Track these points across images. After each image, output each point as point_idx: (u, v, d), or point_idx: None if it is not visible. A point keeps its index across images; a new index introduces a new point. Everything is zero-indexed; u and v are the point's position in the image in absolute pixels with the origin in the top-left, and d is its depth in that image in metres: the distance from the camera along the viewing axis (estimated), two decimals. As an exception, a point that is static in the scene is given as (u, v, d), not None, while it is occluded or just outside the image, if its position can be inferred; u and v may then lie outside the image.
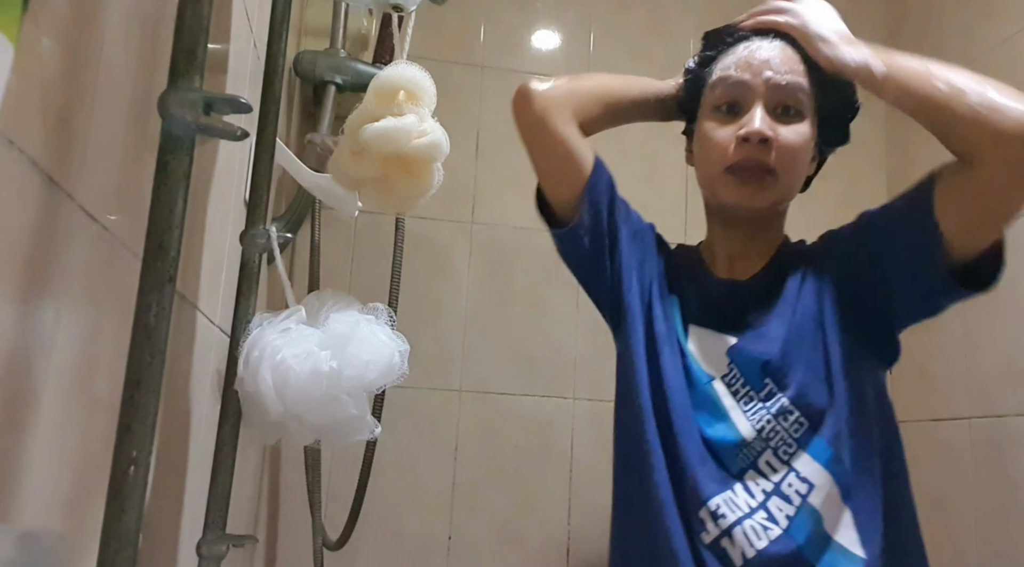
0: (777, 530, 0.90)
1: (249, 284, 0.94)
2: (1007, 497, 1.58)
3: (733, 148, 0.98)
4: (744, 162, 0.97)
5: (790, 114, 0.99)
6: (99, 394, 0.63)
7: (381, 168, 0.97)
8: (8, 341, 0.48)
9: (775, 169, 0.97)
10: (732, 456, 0.94)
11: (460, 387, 1.83)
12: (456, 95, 1.92)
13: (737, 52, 1.03)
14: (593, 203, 1.06)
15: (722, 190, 1.01)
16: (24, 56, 0.45)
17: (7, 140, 0.45)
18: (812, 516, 0.90)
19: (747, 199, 0.99)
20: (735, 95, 1.01)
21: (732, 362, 0.98)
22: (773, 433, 0.93)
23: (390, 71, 0.98)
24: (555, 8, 2.05)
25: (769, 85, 0.99)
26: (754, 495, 0.92)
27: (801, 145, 0.99)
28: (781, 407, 0.93)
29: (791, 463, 0.92)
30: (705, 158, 1.03)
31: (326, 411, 0.87)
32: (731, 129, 0.99)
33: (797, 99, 0.99)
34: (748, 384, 0.96)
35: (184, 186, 0.62)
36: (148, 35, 0.70)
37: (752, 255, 1.05)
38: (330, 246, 1.79)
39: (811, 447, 0.92)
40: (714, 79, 1.04)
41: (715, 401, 0.97)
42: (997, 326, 1.66)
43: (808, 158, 1.02)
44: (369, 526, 1.69)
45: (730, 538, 0.90)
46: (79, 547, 0.61)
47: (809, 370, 0.94)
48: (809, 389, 0.94)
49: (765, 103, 0.99)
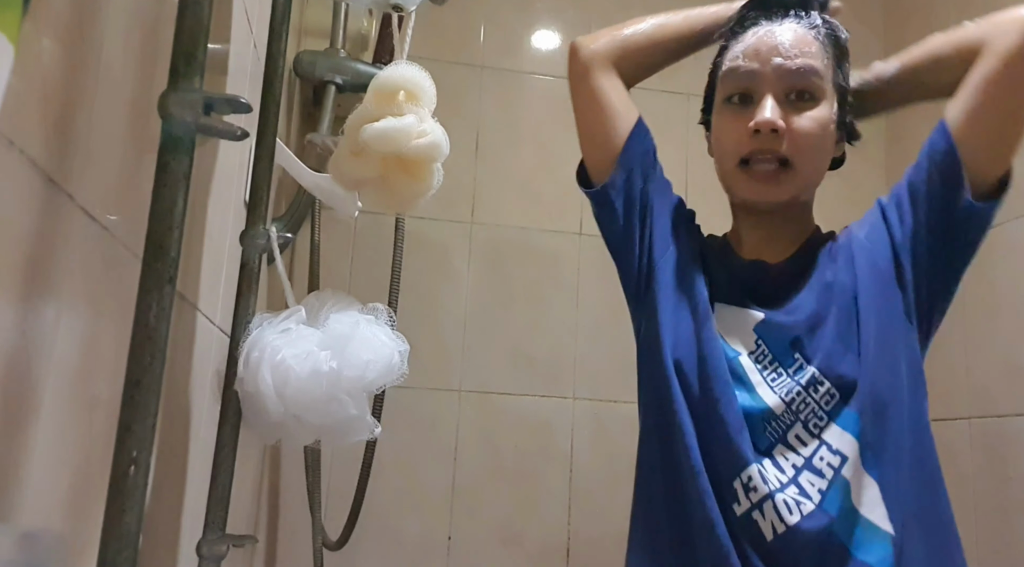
0: (810, 504, 0.87)
1: (249, 284, 0.94)
2: (1007, 497, 1.58)
3: (745, 141, 0.95)
4: (757, 154, 0.95)
5: (804, 99, 0.96)
6: (99, 394, 0.63)
7: (381, 168, 0.97)
8: (8, 341, 0.48)
9: (790, 159, 0.94)
10: (760, 429, 0.92)
11: (460, 387, 1.83)
12: (456, 95, 1.92)
13: (746, 39, 1.00)
14: (627, 167, 1.05)
15: (736, 186, 0.99)
16: (24, 56, 0.45)
17: (7, 140, 0.45)
18: (844, 489, 0.88)
19: (762, 195, 0.97)
20: (745, 85, 0.98)
21: (760, 338, 0.96)
22: (803, 405, 0.91)
23: (390, 71, 0.98)
24: (555, 8, 2.05)
25: (779, 72, 0.96)
26: (784, 470, 0.90)
27: (817, 131, 0.95)
28: (812, 377, 0.91)
29: (821, 436, 0.90)
30: (720, 152, 1.01)
31: (326, 411, 0.87)
32: (743, 121, 0.96)
33: (810, 82, 0.96)
34: (776, 359, 0.95)
35: (184, 186, 0.62)
36: (148, 35, 0.70)
37: (782, 241, 1.02)
38: (330, 246, 1.79)
39: (841, 418, 0.90)
40: (724, 70, 1.01)
41: (742, 375, 0.94)
42: (996, 327, 1.66)
43: (829, 142, 0.98)
44: (369, 526, 1.69)
45: (761, 511, 0.88)
46: (79, 547, 0.61)
47: (839, 341, 0.93)
48: (838, 359, 0.92)
49: (777, 91, 0.95)
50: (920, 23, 1.96)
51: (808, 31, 0.98)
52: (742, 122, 0.96)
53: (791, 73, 0.95)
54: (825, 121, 0.96)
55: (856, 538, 0.87)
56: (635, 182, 1.05)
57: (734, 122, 0.97)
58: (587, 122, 1.08)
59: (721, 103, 1.01)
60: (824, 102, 0.96)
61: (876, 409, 0.90)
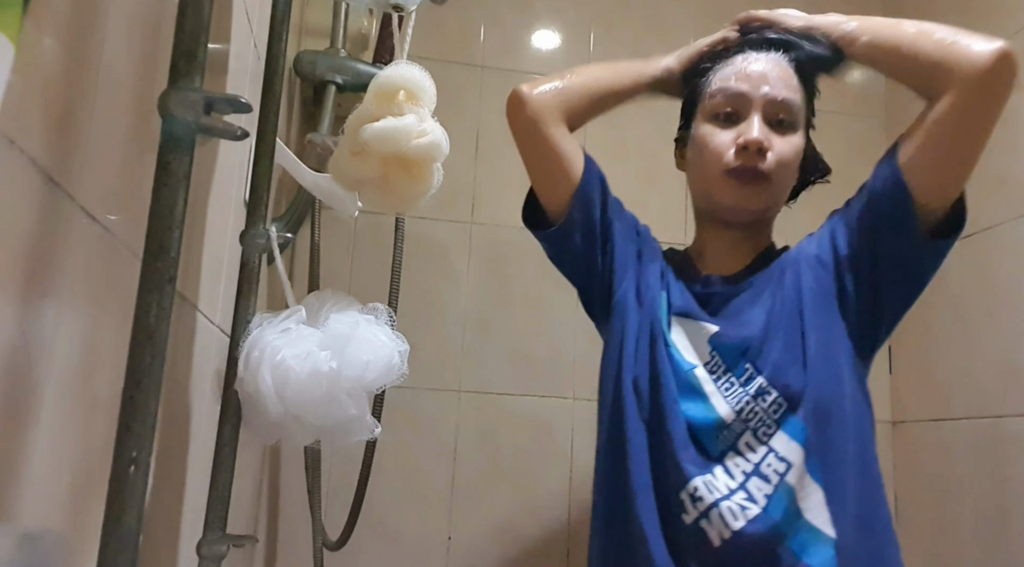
0: (756, 509, 0.92)
1: (249, 284, 0.94)
2: (1006, 497, 1.58)
3: (732, 154, 1.04)
4: (742, 168, 1.03)
5: (784, 126, 1.05)
6: (99, 394, 0.63)
7: (381, 168, 0.97)
8: (8, 341, 0.48)
9: (769, 176, 1.03)
10: (712, 438, 0.97)
11: (460, 387, 1.83)
12: (456, 95, 1.92)
13: (736, 63, 1.09)
14: (585, 201, 1.11)
15: (721, 192, 1.06)
16: (24, 56, 0.45)
17: (7, 140, 0.45)
18: (788, 494, 0.93)
19: (745, 201, 1.05)
20: (734, 104, 1.06)
21: (714, 349, 1.02)
22: (752, 414, 0.96)
23: (390, 71, 0.98)
24: (555, 8, 2.05)
25: (767, 98, 1.05)
26: (734, 476, 0.95)
27: (793, 155, 1.06)
28: (759, 388, 0.97)
29: (769, 442, 0.95)
30: (703, 161, 1.08)
31: (326, 411, 0.87)
32: (730, 135, 1.05)
33: (791, 112, 1.06)
34: (729, 370, 1.00)
35: (184, 186, 0.62)
36: (148, 35, 0.70)
37: (738, 255, 1.10)
38: (330, 246, 1.79)
39: (787, 426, 0.95)
40: (713, 88, 1.09)
41: (697, 387, 1.00)
42: (996, 326, 1.66)
43: (796, 167, 1.08)
44: (369, 526, 1.69)
45: (708, 519, 0.93)
46: (79, 547, 0.61)
47: (786, 353, 0.98)
48: (786, 370, 0.97)
49: (762, 114, 1.05)
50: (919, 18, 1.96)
51: (789, 66, 1.08)
52: (729, 135, 1.05)
53: (777, 102, 1.05)
54: (799, 148, 1.07)
55: (800, 541, 0.92)
56: (594, 213, 1.12)
57: (722, 134, 1.06)
58: (541, 168, 1.15)
59: (708, 117, 1.08)
60: (799, 131, 1.07)
61: (820, 418, 0.96)
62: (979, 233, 1.69)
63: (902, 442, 1.90)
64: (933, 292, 1.87)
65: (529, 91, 1.13)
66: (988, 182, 1.69)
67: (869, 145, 1.99)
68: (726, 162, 1.04)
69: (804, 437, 0.95)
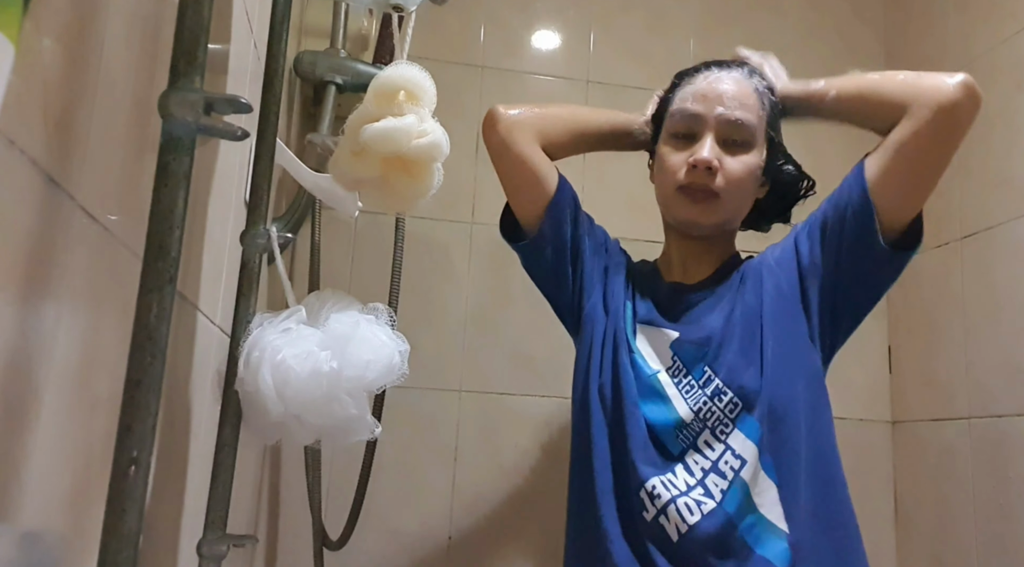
0: (711, 503, 0.98)
1: (249, 284, 0.94)
2: (1007, 497, 1.58)
3: (684, 172, 1.10)
4: (693, 185, 1.09)
5: (737, 145, 1.10)
6: (99, 394, 0.63)
7: (381, 168, 0.97)
8: (8, 341, 0.48)
9: (719, 193, 1.09)
10: (672, 437, 1.03)
11: (460, 387, 1.83)
12: (456, 95, 1.92)
13: (696, 82, 1.15)
14: (556, 217, 1.17)
15: (675, 208, 1.13)
16: (24, 56, 0.45)
17: (7, 140, 0.45)
18: (742, 489, 0.98)
19: (697, 216, 1.11)
20: (690, 125, 1.12)
21: (675, 354, 1.08)
22: (710, 413, 1.02)
23: (390, 71, 0.98)
24: (555, 8, 2.05)
25: (720, 120, 1.10)
26: (693, 473, 1.00)
27: (744, 174, 1.10)
28: (716, 388, 1.02)
29: (727, 441, 1.00)
30: (661, 178, 1.15)
31: (326, 411, 0.87)
32: (684, 155, 1.11)
33: (745, 131, 1.11)
34: (689, 373, 1.06)
35: (184, 186, 0.62)
36: (148, 35, 0.70)
37: (702, 264, 1.16)
38: (330, 246, 1.79)
39: (743, 424, 1.00)
40: (673, 108, 1.16)
41: (659, 390, 1.06)
42: (997, 326, 1.66)
43: (753, 184, 1.13)
44: (369, 526, 1.69)
45: (666, 516, 0.98)
46: (79, 547, 0.61)
47: (742, 356, 1.04)
48: (741, 372, 1.03)
49: (716, 134, 1.10)
50: (921, 22, 1.96)
51: (748, 84, 1.13)
52: (683, 155, 1.11)
53: (730, 123, 1.10)
54: (752, 166, 1.11)
55: (755, 535, 0.98)
56: (564, 229, 1.18)
57: (677, 154, 1.12)
58: (514, 184, 1.21)
59: (667, 136, 1.15)
60: (754, 149, 1.11)
61: (774, 418, 1.01)
62: (980, 233, 1.69)
63: (902, 442, 1.90)
64: (934, 292, 1.88)
65: (504, 110, 1.19)
66: (988, 182, 1.69)
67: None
68: (678, 180, 1.11)
69: (759, 436, 1.00)
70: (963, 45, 1.81)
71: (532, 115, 1.20)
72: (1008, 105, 1.66)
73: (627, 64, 2.01)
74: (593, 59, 2.02)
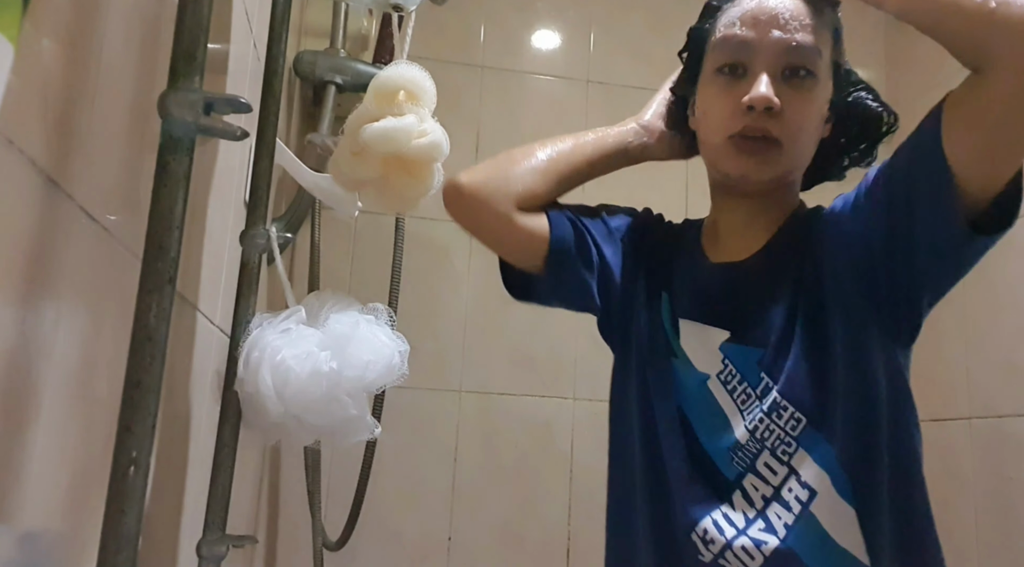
0: (774, 541, 0.83)
1: (249, 284, 0.94)
2: (1007, 497, 1.58)
3: (736, 116, 0.88)
4: (748, 131, 0.88)
5: (799, 76, 0.89)
6: (99, 394, 0.63)
7: (381, 168, 0.97)
8: (8, 341, 0.48)
9: (780, 139, 0.88)
10: (727, 460, 0.87)
11: (460, 387, 1.83)
12: (456, 95, 1.92)
13: (743, 4, 0.92)
14: (560, 263, 1.00)
15: (724, 160, 0.92)
16: (24, 56, 0.45)
17: (7, 140, 0.45)
18: (812, 524, 0.83)
19: (752, 170, 0.90)
20: (739, 56, 0.90)
21: (726, 357, 0.90)
22: (768, 432, 0.85)
23: (390, 71, 0.98)
24: (555, 8, 2.05)
25: (778, 45, 0.88)
26: (753, 502, 0.85)
27: (810, 112, 0.90)
28: (773, 403, 0.85)
29: (790, 462, 0.85)
30: (707, 126, 0.94)
31: (326, 411, 0.87)
32: (735, 94, 0.89)
33: (808, 59, 0.89)
34: (745, 380, 0.88)
35: (184, 186, 0.62)
36: (148, 35, 0.70)
37: (755, 230, 0.95)
38: (330, 246, 1.79)
39: (811, 445, 0.84)
40: (717, 38, 0.93)
41: (711, 402, 0.89)
42: (997, 326, 1.66)
43: (818, 123, 0.92)
44: (369, 526, 1.69)
45: (725, 558, 0.84)
46: (79, 547, 0.61)
47: (805, 360, 0.86)
48: (803, 381, 0.85)
49: (772, 65, 0.88)
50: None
51: (807, 4, 0.91)
52: (734, 95, 0.89)
53: (789, 48, 0.88)
54: (819, 102, 0.91)
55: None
56: (575, 270, 1.00)
57: (725, 95, 0.90)
58: (503, 250, 1.05)
59: (711, 73, 0.93)
60: (819, 81, 0.90)
61: (849, 433, 0.84)
62: (979, 233, 1.69)
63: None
64: (933, 292, 1.88)
65: (465, 178, 1.01)
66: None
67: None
68: (730, 125, 0.89)
69: (830, 457, 0.84)
70: (963, 45, 1.81)
71: (499, 176, 1.01)
72: (1008, 105, 1.66)
73: (627, 64, 2.01)
74: (593, 59, 2.02)
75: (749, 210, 0.95)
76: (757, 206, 0.95)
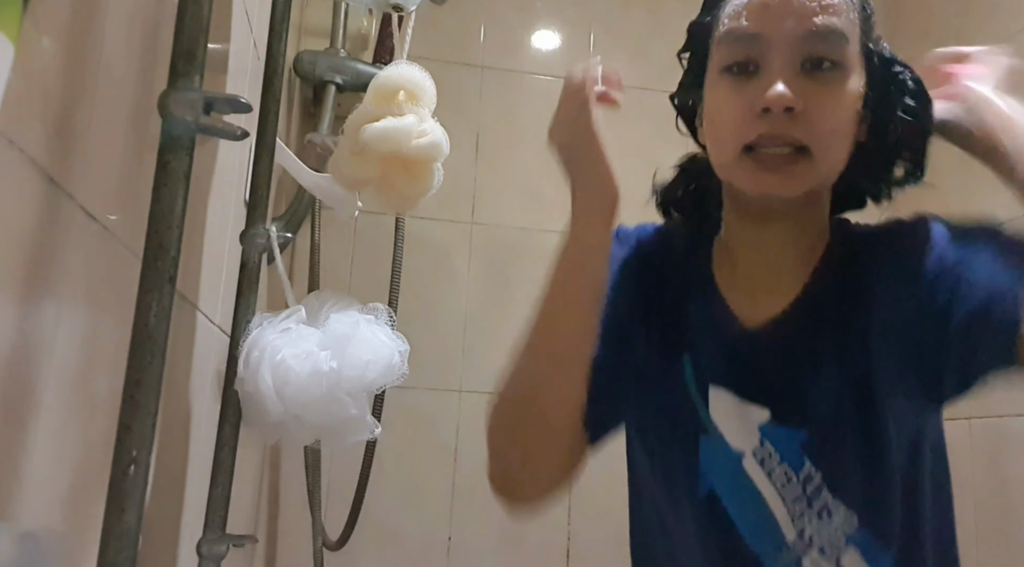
0: None
1: (249, 284, 0.94)
2: (1007, 497, 1.58)
3: (750, 122, 0.73)
4: (766, 140, 0.72)
5: (823, 68, 0.73)
6: (99, 394, 0.63)
7: (381, 168, 0.97)
8: (8, 341, 0.48)
9: (808, 145, 0.72)
10: (773, 557, 0.77)
11: (460, 387, 1.83)
12: (456, 95, 1.92)
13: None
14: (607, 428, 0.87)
15: (741, 178, 0.75)
16: (24, 56, 0.45)
17: (7, 140, 0.45)
18: None
19: (775, 187, 0.73)
20: (748, 51, 0.75)
21: (765, 437, 0.78)
22: (816, 533, 0.76)
23: (390, 71, 0.98)
24: (555, 8, 2.05)
25: (794, 34, 0.73)
26: None
27: (841, 109, 0.74)
28: (824, 504, 0.76)
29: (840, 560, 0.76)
30: (716, 137, 0.78)
31: (326, 411, 0.87)
32: (747, 96, 0.73)
33: (832, 47, 0.73)
34: (785, 460, 0.77)
35: (184, 186, 0.62)
36: (148, 35, 0.70)
37: (787, 268, 0.80)
38: (330, 246, 1.79)
39: (860, 543, 0.76)
40: (721, 31, 0.77)
41: (749, 487, 0.78)
42: (997, 326, 1.66)
43: (851, 123, 0.75)
44: (369, 526, 1.69)
45: None
46: (79, 547, 0.61)
47: (855, 445, 0.76)
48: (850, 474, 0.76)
49: (790, 58, 0.73)
50: (921, 22, 1.96)
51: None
52: (745, 99, 0.73)
53: (810, 35, 0.73)
54: (851, 96, 0.74)
55: None
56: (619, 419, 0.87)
57: (735, 99, 0.75)
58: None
59: (717, 74, 0.77)
60: (850, 71, 0.74)
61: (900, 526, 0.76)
62: (979, 233, 1.69)
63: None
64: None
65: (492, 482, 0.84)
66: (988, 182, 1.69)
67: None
68: (744, 134, 0.73)
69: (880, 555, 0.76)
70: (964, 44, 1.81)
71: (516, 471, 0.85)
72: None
73: (627, 64, 2.01)
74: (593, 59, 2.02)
75: (776, 241, 0.80)
76: (785, 235, 0.79)
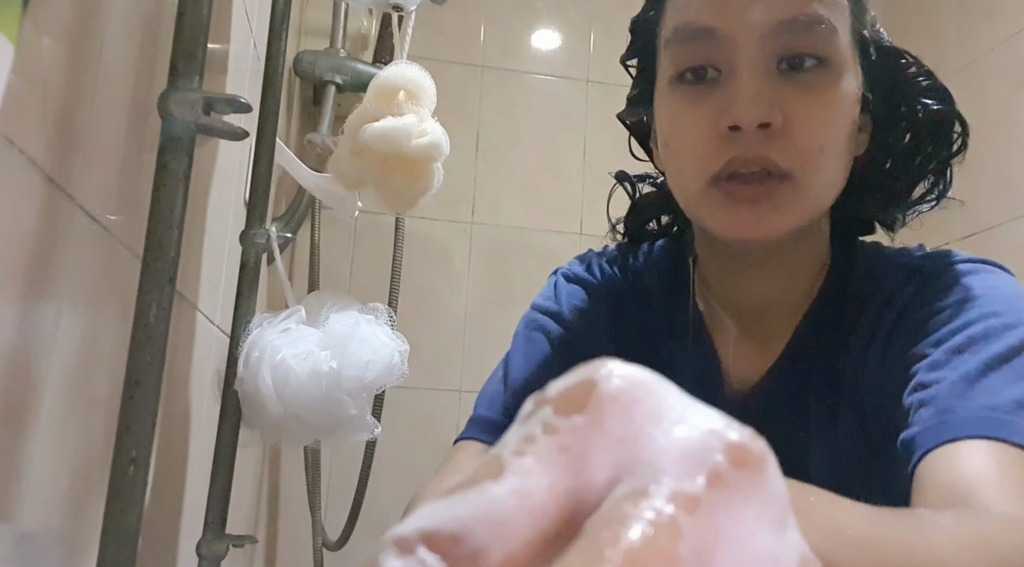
0: None
1: (249, 284, 0.94)
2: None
3: (715, 145, 0.57)
4: (737, 166, 0.57)
5: (805, 67, 0.57)
6: (99, 394, 0.63)
7: (381, 168, 0.97)
8: (8, 341, 0.48)
9: (791, 171, 0.57)
10: None
11: (460, 387, 1.83)
12: (456, 95, 1.92)
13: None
14: None
15: (708, 216, 0.60)
16: (24, 56, 0.45)
17: (7, 140, 0.45)
18: None
19: (751, 229, 0.58)
20: (706, 53, 0.58)
21: None
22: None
23: (390, 71, 0.98)
24: (555, 8, 2.05)
25: (765, 24, 0.57)
26: None
27: (831, 119, 0.58)
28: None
29: None
30: (675, 165, 0.62)
31: (326, 411, 0.87)
32: (709, 110, 0.58)
33: (815, 39, 0.57)
34: None
35: (184, 186, 0.62)
36: (148, 35, 0.70)
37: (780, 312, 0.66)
38: (330, 246, 1.79)
39: None
40: (669, 29, 0.61)
41: None
42: (997, 326, 1.65)
43: (846, 135, 0.59)
44: (369, 526, 1.69)
45: None
46: (79, 547, 0.61)
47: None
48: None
49: (760, 55, 0.57)
50: (921, 22, 1.96)
51: None
52: (706, 114, 0.58)
53: (784, 26, 0.57)
54: (844, 101, 0.59)
55: None
56: None
57: (693, 115, 0.59)
58: None
59: (668, 83, 0.61)
60: (840, 69, 0.59)
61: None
62: (980, 233, 1.69)
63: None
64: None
65: None
66: (988, 182, 1.69)
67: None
68: (709, 163, 0.58)
69: None
70: (963, 45, 1.81)
71: None
72: (1008, 105, 1.66)
73: (627, 64, 2.01)
74: (593, 59, 2.02)
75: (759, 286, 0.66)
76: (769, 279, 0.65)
